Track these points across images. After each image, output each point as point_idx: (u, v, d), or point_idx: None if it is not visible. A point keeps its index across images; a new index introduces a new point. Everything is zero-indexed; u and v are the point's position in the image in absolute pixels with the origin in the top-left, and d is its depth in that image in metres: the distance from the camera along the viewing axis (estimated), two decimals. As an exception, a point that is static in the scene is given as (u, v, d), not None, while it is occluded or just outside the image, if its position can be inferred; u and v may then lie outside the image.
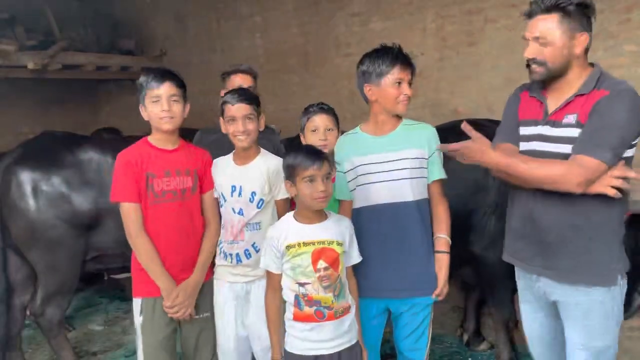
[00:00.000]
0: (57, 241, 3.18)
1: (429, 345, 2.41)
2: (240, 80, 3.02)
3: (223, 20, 6.28)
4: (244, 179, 2.40)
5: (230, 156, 2.49)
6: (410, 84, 2.31)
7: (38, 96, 6.67)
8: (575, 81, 1.96)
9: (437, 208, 2.36)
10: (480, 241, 3.09)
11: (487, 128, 3.22)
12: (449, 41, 4.64)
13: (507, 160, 1.95)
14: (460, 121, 3.55)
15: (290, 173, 2.09)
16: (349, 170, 2.36)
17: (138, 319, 2.41)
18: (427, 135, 2.34)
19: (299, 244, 2.08)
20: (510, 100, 2.20)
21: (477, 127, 3.23)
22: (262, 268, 2.20)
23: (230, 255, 2.41)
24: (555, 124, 1.95)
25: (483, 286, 3.43)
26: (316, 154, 2.08)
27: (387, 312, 2.41)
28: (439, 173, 2.35)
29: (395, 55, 2.28)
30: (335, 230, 2.14)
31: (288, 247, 2.08)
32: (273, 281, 2.16)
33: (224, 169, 2.46)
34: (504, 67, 4.30)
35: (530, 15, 1.95)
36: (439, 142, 2.35)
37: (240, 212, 2.39)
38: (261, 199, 2.38)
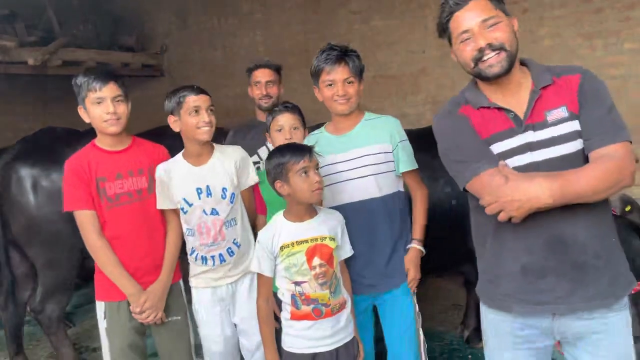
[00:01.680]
0: (57, 237, 3.17)
1: (422, 348, 2.36)
2: (261, 75, 3.14)
3: (224, 17, 6.28)
4: (209, 177, 2.32)
5: (179, 160, 2.38)
6: (349, 82, 2.22)
7: (38, 92, 6.68)
8: (518, 76, 1.71)
9: (413, 202, 2.35)
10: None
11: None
12: (450, 38, 4.64)
13: (560, 183, 1.54)
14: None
15: (279, 172, 2.04)
16: None
17: (102, 323, 2.33)
18: (389, 128, 2.30)
19: (292, 243, 2.05)
20: (455, 122, 1.77)
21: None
22: (254, 271, 2.16)
23: (212, 257, 2.33)
24: (538, 126, 1.65)
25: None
26: (303, 147, 2.07)
27: (373, 308, 2.39)
28: (407, 164, 2.29)
29: (326, 56, 2.22)
30: (328, 225, 2.12)
31: (282, 248, 2.05)
32: (265, 285, 2.13)
33: (181, 174, 2.33)
34: (505, 65, 4.29)
35: (452, 10, 1.69)
36: (403, 133, 2.32)
37: (214, 212, 2.31)
38: (232, 193, 2.34)
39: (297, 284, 2.05)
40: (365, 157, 2.25)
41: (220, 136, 3.09)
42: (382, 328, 2.41)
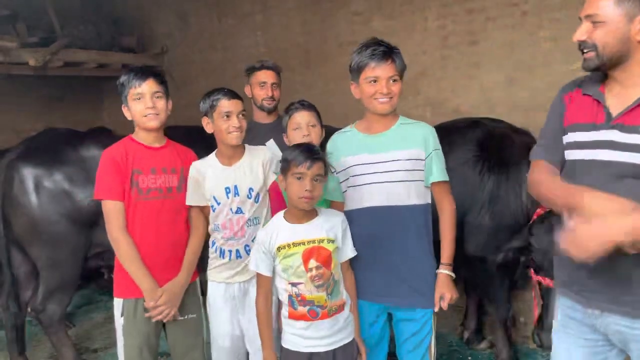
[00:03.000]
0: (59, 237, 3.19)
1: None
2: (266, 76, 3.11)
3: (224, 18, 6.28)
4: (238, 177, 2.38)
5: (212, 159, 2.44)
6: (394, 81, 2.14)
7: (39, 93, 6.68)
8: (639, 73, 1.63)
9: (441, 219, 2.24)
10: (474, 241, 3.09)
11: (487, 126, 3.27)
12: (450, 40, 4.64)
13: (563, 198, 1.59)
14: (461, 119, 3.59)
15: (283, 167, 2.08)
16: (340, 171, 2.27)
17: (119, 320, 2.36)
18: (424, 134, 2.20)
19: (288, 245, 2.06)
20: (554, 104, 1.86)
21: (477, 125, 3.29)
22: (252, 270, 2.19)
23: (230, 252, 2.40)
24: (627, 128, 1.59)
25: (479, 285, 3.44)
26: (311, 153, 2.04)
27: (388, 316, 2.33)
28: (438, 175, 2.20)
29: (372, 51, 2.12)
30: (326, 227, 2.11)
31: (279, 249, 2.07)
32: (264, 284, 2.14)
33: (213, 173, 2.40)
34: (505, 66, 4.30)
35: None
36: (437, 141, 2.23)
37: (239, 211, 2.38)
38: (258, 194, 2.39)
39: (293, 285, 2.07)
40: (397, 161, 2.17)
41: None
42: (397, 351, 2.35)
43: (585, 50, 1.65)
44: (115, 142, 2.41)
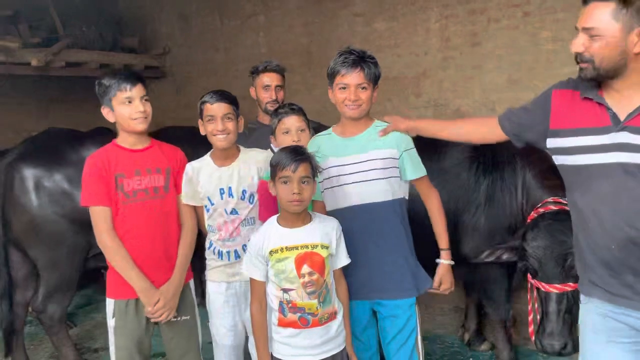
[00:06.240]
0: (59, 237, 3.19)
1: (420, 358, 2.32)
2: (271, 79, 3.10)
3: (226, 19, 6.28)
4: (232, 179, 2.39)
5: (207, 159, 2.45)
6: (363, 88, 2.23)
7: (41, 94, 6.68)
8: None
9: (430, 208, 2.37)
10: (470, 242, 3.07)
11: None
12: (452, 41, 4.64)
13: None
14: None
15: (272, 172, 2.07)
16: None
17: (110, 321, 2.38)
18: (396, 135, 2.30)
19: (281, 249, 2.03)
20: (542, 97, 1.90)
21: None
22: (245, 275, 2.17)
23: (228, 253, 2.40)
24: (638, 130, 1.62)
25: (478, 286, 3.43)
26: (295, 155, 2.03)
27: (375, 314, 2.36)
28: (415, 172, 2.31)
29: (344, 59, 2.23)
30: (320, 233, 2.08)
31: (271, 253, 2.03)
32: (257, 290, 2.11)
33: (207, 174, 2.41)
34: (507, 67, 4.29)
35: (585, 1, 1.67)
36: (410, 142, 2.33)
37: (234, 212, 2.38)
38: (252, 194, 2.39)
39: (285, 291, 2.03)
40: (372, 161, 2.26)
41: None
42: (382, 346, 2.38)
43: (581, 62, 1.68)
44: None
